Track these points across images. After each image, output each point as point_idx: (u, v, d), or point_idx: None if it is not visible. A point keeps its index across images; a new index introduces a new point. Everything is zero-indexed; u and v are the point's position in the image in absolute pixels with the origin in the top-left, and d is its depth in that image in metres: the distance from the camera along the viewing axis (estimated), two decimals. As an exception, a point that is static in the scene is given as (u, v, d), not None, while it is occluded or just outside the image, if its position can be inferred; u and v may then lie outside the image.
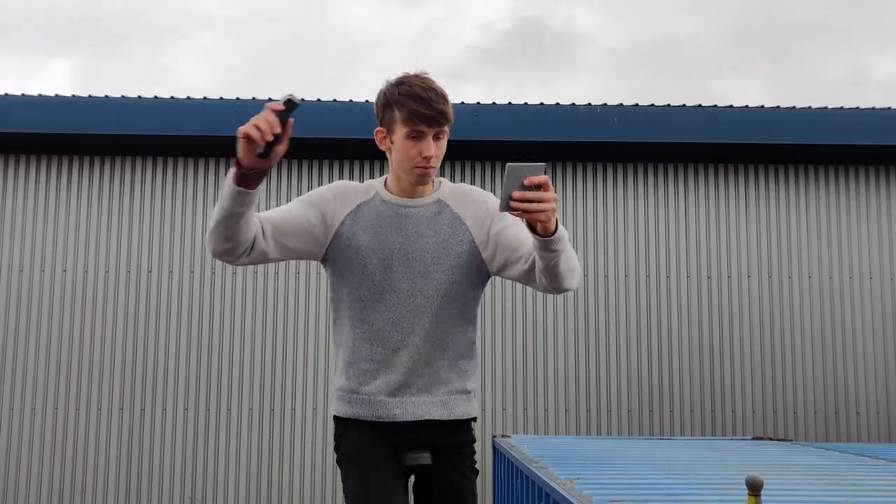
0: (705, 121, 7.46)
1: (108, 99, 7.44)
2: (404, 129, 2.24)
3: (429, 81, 2.25)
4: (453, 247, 2.32)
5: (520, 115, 7.45)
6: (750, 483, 1.92)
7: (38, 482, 7.17)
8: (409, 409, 2.31)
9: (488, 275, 2.38)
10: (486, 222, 2.32)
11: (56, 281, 7.40)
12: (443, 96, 2.24)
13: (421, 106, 2.20)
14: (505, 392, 7.35)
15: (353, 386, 2.34)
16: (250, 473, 7.22)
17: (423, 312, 2.30)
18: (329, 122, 7.29)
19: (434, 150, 2.24)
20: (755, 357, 7.50)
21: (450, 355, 2.35)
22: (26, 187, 7.54)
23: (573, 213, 7.63)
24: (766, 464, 4.13)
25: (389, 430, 2.32)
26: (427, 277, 2.30)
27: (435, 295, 2.31)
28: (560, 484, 3.06)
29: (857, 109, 7.66)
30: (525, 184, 1.96)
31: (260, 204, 6.79)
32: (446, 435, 2.35)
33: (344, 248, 2.33)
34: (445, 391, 2.34)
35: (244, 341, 7.38)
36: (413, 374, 2.31)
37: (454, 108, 2.29)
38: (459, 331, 2.36)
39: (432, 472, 2.35)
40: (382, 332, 2.31)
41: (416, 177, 2.29)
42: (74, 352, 7.32)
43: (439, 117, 2.22)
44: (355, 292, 2.33)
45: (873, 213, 7.74)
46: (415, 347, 2.30)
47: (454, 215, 2.34)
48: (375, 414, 2.31)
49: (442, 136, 2.27)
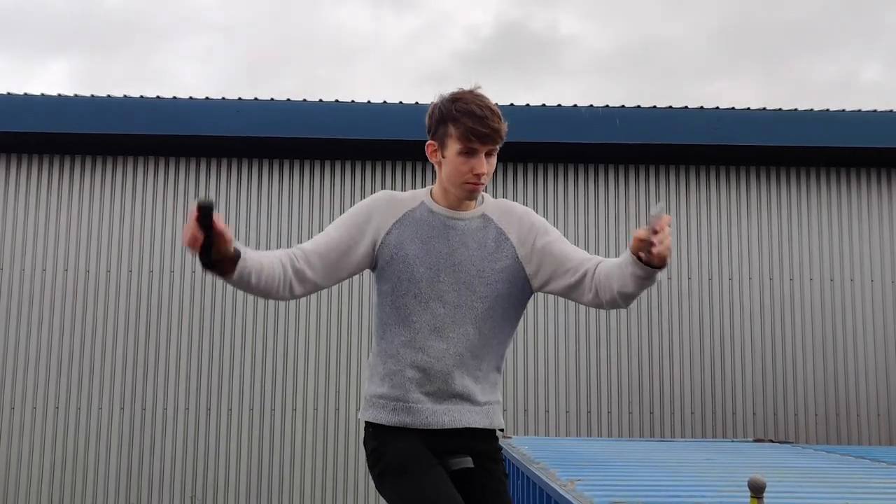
0: (707, 123, 7.46)
1: (111, 98, 7.44)
2: (458, 146, 2.27)
3: (484, 99, 2.29)
4: (498, 261, 2.34)
5: (522, 116, 7.44)
6: (753, 485, 1.92)
7: (40, 481, 7.17)
8: (456, 416, 2.32)
9: (531, 291, 2.41)
10: (531, 238, 2.36)
11: (58, 281, 7.40)
12: (498, 115, 2.28)
13: (477, 124, 2.24)
14: (506, 393, 7.34)
15: (398, 394, 2.33)
16: (251, 473, 7.22)
17: (467, 323, 2.32)
18: (325, 122, 7.29)
19: (486, 167, 2.29)
20: (756, 359, 7.50)
21: (486, 366, 2.37)
22: (28, 187, 7.54)
23: (574, 214, 7.63)
24: (767, 466, 4.13)
25: (432, 437, 2.32)
26: (472, 289, 2.32)
27: (479, 306, 2.33)
28: (561, 485, 3.06)
29: (859, 112, 7.66)
30: (657, 227, 2.06)
31: (271, 206, 6.64)
32: (483, 443, 2.38)
33: (391, 256, 2.34)
34: (485, 401, 2.37)
35: (246, 342, 7.38)
36: (456, 383, 2.32)
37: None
38: (497, 343, 2.38)
39: (472, 479, 2.36)
40: (427, 341, 2.31)
41: (466, 192, 2.32)
42: (76, 352, 7.32)
43: (494, 136, 2.26)
44: (401, 300, 2.34)
45: (875, 215, 7.74)
46: (459, 357, 2.32)
47: (499, 230, 2.37)
48: (424, 422, 2.31)
49: (493, 154, 2.31)
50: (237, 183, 7.59)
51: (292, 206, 7.57)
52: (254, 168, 7.61)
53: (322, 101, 7.44)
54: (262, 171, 7.61)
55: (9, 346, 7.31)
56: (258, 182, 7.59)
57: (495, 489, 2.36)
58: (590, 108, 7.47)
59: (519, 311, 2.42)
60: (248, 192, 7.58)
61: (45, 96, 7.46)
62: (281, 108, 7.41)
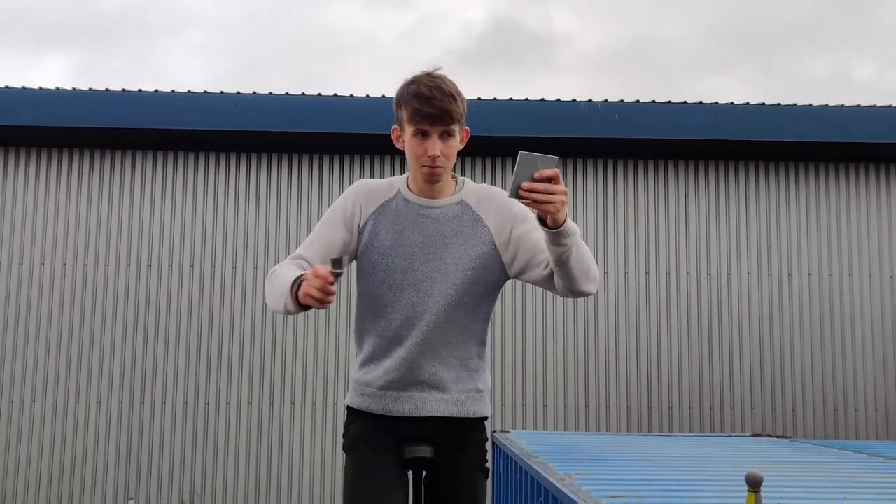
0: (706, 118, 7.46)
1: (109, 93, 7.43)
2: (410, 128, 2.26)
3: (437, 80, 2.24)
4: (474, 248, 2.33)
5: (521, 111, 7.44)
6: (750, 479, 1.92)
7: (38, 473, 7.17)
8: (420, 404, 2.33)
9: (507, 278, 2.40)
10: (509, 225, 2.33)
11: (56, 274, 7.40)
12: (450, 94, 2.22)
13: (424, 105, 2.20)
14: (504, 388, 7.35)
15: (368, 379, 2.38)
16: (249, 466, 7.23)
17: (440, 311, 2.32)
18: (321, 117, 7.29)
19: (440, 149, 2.24)
20: (754, 354, 7.51)
21: (460, 354, 2.38)
22: (26, 180, 7.54)
23: (573, 210, 7.63)
24: (764, 460, 4.14)
25: (396, 423, 2.35)
26: (447, 277, 2.32)
27: (453, 294, 2.33)
28: (559, 479, 3.06)
29: (858, 107, 7.65)
30: (536, 176, 1.99)
31: (261, 200, 6.61)
32: (453, 431, 2.37)
33: (367, 246, 2.36)
34: (457, 389, 2.37)
35: (243, 335, 7.38)
36: (425, 370, 2.33)
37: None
38: (473, 330, 2.39)
39: (437, 468, 2.37)
40: (399, 330, 2.33)
41: (425, 175, 2.30)
42: (74, 345, 7.32)
43: (443, 115, 2.21)
44: (377, 290, 2.36)
45: (873, 210, 7.75)
46: (428, 345, 2.33)
47: (476, 216, 2.36)
48: (385, 408, 2.35)
49: (450, 136, 2.26)
50: (235, 176, 7.58)
51: (291, 199, 7.56)
52: (252, 162, 7.60)
53: (321, 96, 7.43)
54: (261, 164, 7.60)
55: (8, 338, 7.31)
56: (256, 175, 7.58)
57: (458, 478, 2.35)
58: (589, 102, 7.47)
59: (494, 297, 2.42)
60: (247, 185, 7.57)
61: (44, 90, 7.45)
62: (280, 103, 7.40)
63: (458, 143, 2.30)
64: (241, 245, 7.48)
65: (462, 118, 2.27)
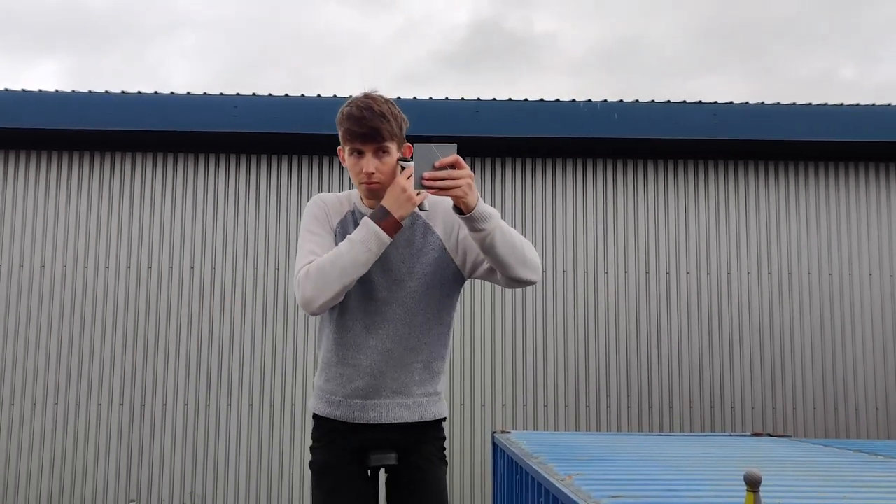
0: (705, 117, 7.46)
1: (109, 95, 7.44)
2: (346, 147, 2.36)
3: (369, 100, 2.32)
4: (425, 255, 2.41)
5: (519, 111, 7.44)
6: (748, 479, 1.93)
7: (39, 477, 7.18)
8: (384, 412, 2.40)
9: (463, 279, 2.48)
10: (456, 228, 2.41)
11: (56, 277, 7.40)
12: (379, 114, 2.30)
13: (354, 125, 2.30)
14: (504, 388, 7.36)
15: (332, 387, 2.44)
16: (250, 469, 7.23)
17: (398, 319, 2.39)
18: (324, 117, 7.29)
19: (375, 166, 2.32)
20: (754, 353, 7.51)
21: (423, 358, 2.43)
22: (27, 183, 7.54)
23: (573, 210, 7.63)
24: (764, 460, 4.14)
25: (361, 431, 2.42)
26: (402, 286, 2.39)
27: (409, 302, 2.40)
28: (559, 479, 3.06)
29: (857, 106, 7.65)
30: (437, 165, 2.09)
31: (262, 202, 6.63)
32: (415, 435, 2.45)
33: None
34: (419, 393, 2.43)
35: (244, 337, 7.39)
36: (387, 377, 2.40)
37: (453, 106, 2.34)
38: (434, 335, 2.45)
39: (400, 472, 2.46)
40: (358, 339, 2.40)
41: (365, 191, 2.39)
42: (75, 348, 7.33)
43: (372, 134, 2.29)
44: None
45: (873, 209, 7.75)
46: (388, 353, 2.39)
47: (425, 225, 2.43)
48: (350, 416, 2.41)
49: (385, 152, 2.33)
50: (235, 178, 7.58)
51: (291, 200, 7.57)
52: (252, 163, 7.60)
53: (320, 97, 7.44)
54: (261, 166, 7.60)
55: (8, 341, 7.31)
56: (256, 177, 7.59)
57: (418, 466, 2.43)
58: (588, 102, 7.47)
59: (453, 300, 2.48)
60: (247, 186, 7.57)
61: (44, 92, 7.46)
62: (280, 104, 7.40)
63: (394, 159, 2.36)
64: (242, 247, 7.49)
65: (396, 136, 2.33)
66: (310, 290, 2.24)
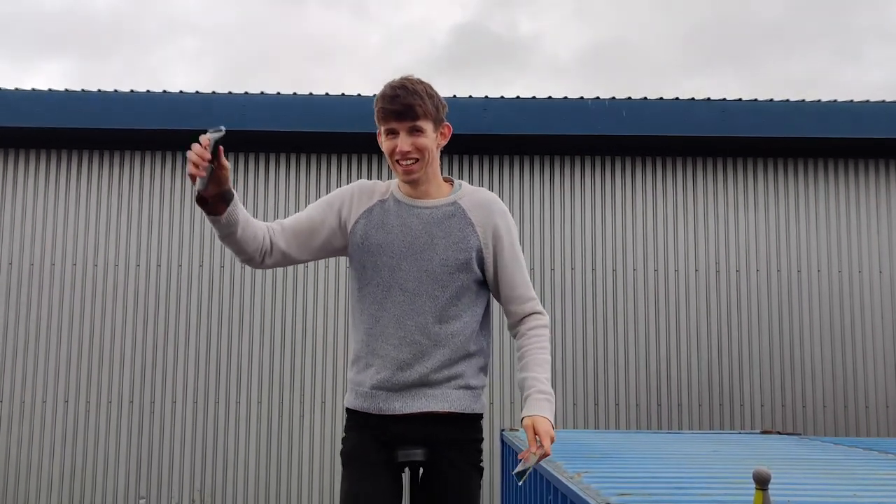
0: (714, 114, 7.44)
1: (116, 93, 7.45)
2: (381, 128, 2.34)
3: (404, 80, 2.31)
4: (462, 251, 2.35)
5: (528, 109, 7.43)
6: (757, 477, 1.92)
7: (49, 474, 7.21)
8: (409, 401, 2.33)
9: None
10: (491, 241, 2.38)
11: (66, 275, 7.43)
12: (413, 91, 2.28)
13: (387, 103, 2.28)
14: (512, 386, 7.35)
15: (360, 379, 2.39)
16: (259, 466, 7.25)
17: (428, 311, 2.33)
18: (334, 115, 7.30)
19: (408, 145, 2.29)
20: (764, 351, 7.48)
21: (453, 351, 2.36)
22: (37, 181, 7.57)
23: (581, 207, 7.62)
24: (774, 458, 4.13)
25: (389, 423, 2.35)
26: (434, 277, 2.34)
27: (440, 295, 2.34)
28: (568, 477, 3.06)
29: (867, 102, 7.62)
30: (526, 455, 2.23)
31: (269, 199, 6.62)
32: (446, 429, 2.35)
33: (357, 245, 2.39)
34: (448, 386, 2.35)
35: (253, 335, 7.40)
36: (414, 369, 2.33)
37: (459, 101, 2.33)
38: (465, 329, 2.37)
39: (432, 467, 2.36)
40: (387, 329, 2.35)
41: (400, 173, 2.35)
42: (85, 346, 7.35)
43: (405, 111, 2.27)
44: (366, 288, 2.39)
45: (882, 206, 7.71)
46: (417, 345, 2.33)
47: (467, 220, 2.37)
48: (376, 407, 2.35)
49: (419, 131, 2.30)
50: (244, 176, 7.59)
51: (300, 198, 7.58)
52: (261, 161, 7.61)
53: (328, 95, 7.44)
54: (269, 163, 7.61)
55: (19, 339, 7.35)
56: (265, 175, 7.60)
57: (449, 477, 2.34)
58: (596, 100, 7.45)
59: (485, 297, 2.45)
60: (255, 184, 7.59)
61: (51, 91, 7.48)
62: (287, 102, 7.41)
63: (431, 140, 2.33)
64: (250, 245, 7.49)
65: (431, 115, 2.31)
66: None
